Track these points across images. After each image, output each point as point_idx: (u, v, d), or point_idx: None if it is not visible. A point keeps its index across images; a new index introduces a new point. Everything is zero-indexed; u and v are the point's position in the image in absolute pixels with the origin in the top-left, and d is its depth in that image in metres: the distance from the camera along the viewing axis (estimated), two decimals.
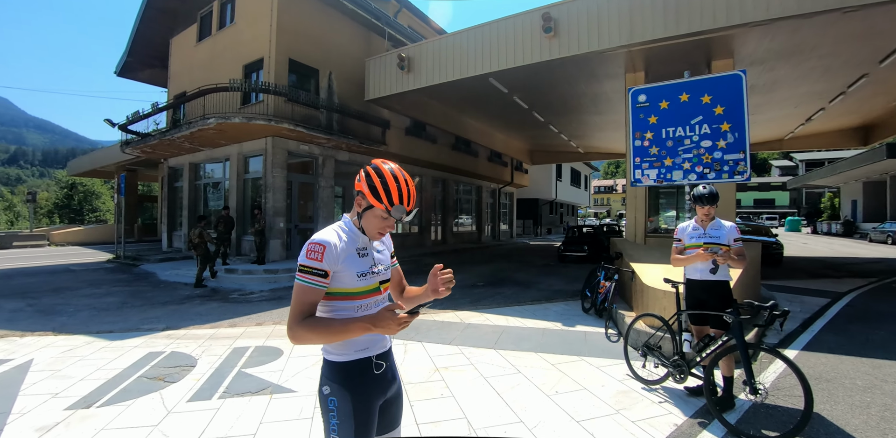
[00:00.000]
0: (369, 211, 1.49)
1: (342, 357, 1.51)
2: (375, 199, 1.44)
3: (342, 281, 1.47)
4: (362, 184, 1.49)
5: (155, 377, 4.14)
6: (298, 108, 12.26)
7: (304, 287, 1.41)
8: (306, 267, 1.41)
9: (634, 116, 4.39)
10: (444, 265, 1.66)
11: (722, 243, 3.21)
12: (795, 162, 63.35)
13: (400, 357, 4.46)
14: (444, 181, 20.30)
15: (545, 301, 7.31)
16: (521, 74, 11.24)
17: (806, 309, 6.77)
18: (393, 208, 1.45)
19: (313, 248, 1.41)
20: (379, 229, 1.54)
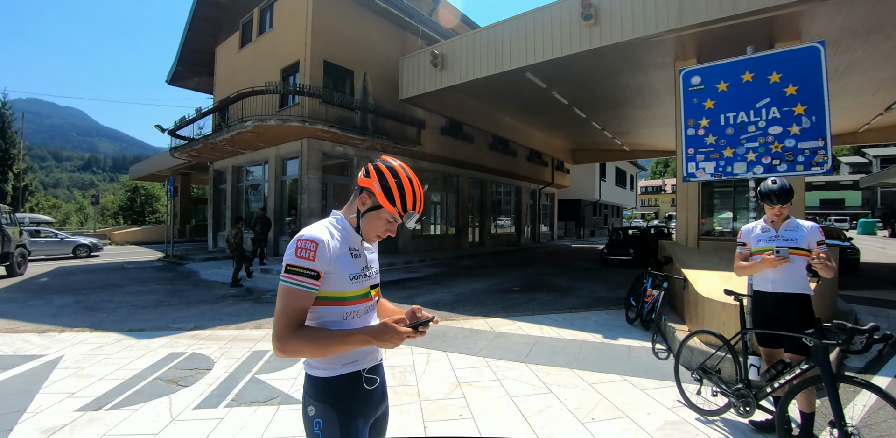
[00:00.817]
0: (375, 212, 1.35)
1: (328, 372, 1.33)
2: (388, 201, 1.31)
3: (332, 284, 1.30)
4: (373, 182, 1.33)
5: (170, 379, 4.03)
6: (333, 109, 12.26)
7: (294, 291, 1.23)
8: (296, 267, 1.23)
9: (687, 102, 3.81)
10: (422, 311, 1.39)
11: (801, 248, 2.63)
12: (868, 158, 57.96)
13: (421, 368, 4.11)
14: (481, 182, 19.87)
15: (584, 309, 6.74)
16: (559, 67, 10.65)
17: (894, 325, 5.83)
18: (406, 213, 1.33)
19: (304, 245, 1.24)
20: (380, 232, 1.40)
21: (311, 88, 11.56)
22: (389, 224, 1.38)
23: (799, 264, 2.65)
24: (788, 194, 2.62)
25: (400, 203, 1.31)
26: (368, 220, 1.37)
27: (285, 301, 1.23)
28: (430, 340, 5.10)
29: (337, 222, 1.40)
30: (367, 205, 1.35)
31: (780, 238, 2.68)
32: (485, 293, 8.35)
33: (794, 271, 2.64)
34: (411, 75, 11.86)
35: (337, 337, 1.23)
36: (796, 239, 2.65)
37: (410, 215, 1.34)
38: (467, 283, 9.69)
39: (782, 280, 2.66)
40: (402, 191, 1.32)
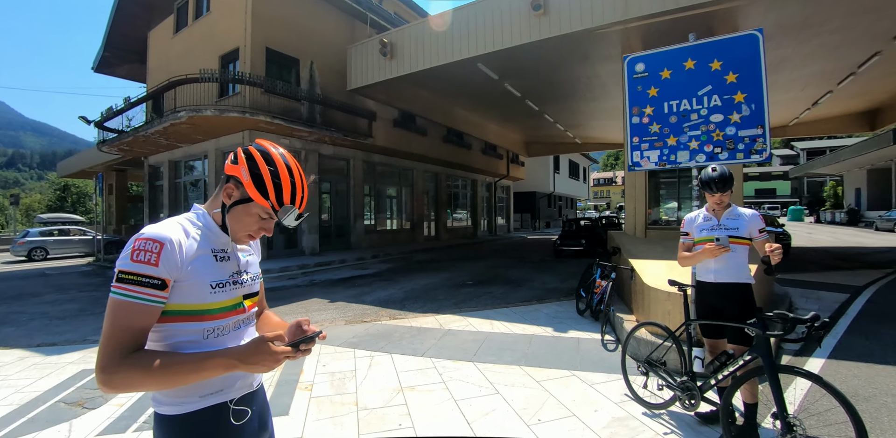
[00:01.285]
0: (243, 206, 1.10)
1: (181, 407, 1.04)
2: (260, 193, 1.07)
3: (187, 294, 1.03)
4: (241, 169, 1.08)
5: (75, 401, 3.55)
6: (277, 99, 11.59)
7: (129, 305, 0.95)
8: (132, 274, 0.95)
9: (631, 89, 3.73)
10: (313, 326, 1.13)
11: (742, 237, 2.57)
12: (796, 151, 62.45)
13: (363, 374, 3.85)
14: (436, 175, 19.65)
15: (536, 302, 6.68)
16: (510, 58, 10.54)
17: (825, 307, 6.15)
18: (282, 208, 1.09)
19: (144, 246, 0.97)
20: (251, 231, 1.14)
21: (251, 76, 10.85)
22: (263, 221, 1.13)
23: (740, 254, 2.59)
24: (728, 181, 2.55)
25: (274, 196, 1.07)
26: (236, 216, 1.11)
27: (115, 320, 0.94)
28: (374, 341, 4.83)
29: (197, 219, 1.13)
30: (233, 197, 1.10)
31: (722, 227, 2.62)
32: (437, 289, 8.15)
33: (736, 261, 2.59)
34: (360, 64, 11.39)
35: (188, 363, 0.95)
36: (738, 227, 2.59)
37: (288, 211, 1.09)
38: (420, 278, 9.47)
39: (724, 270, 2.60)
40: (277, 180, 1.07)
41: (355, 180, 14.76)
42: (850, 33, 9.49)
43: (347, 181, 14.68)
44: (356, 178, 14.81)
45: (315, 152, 13.16)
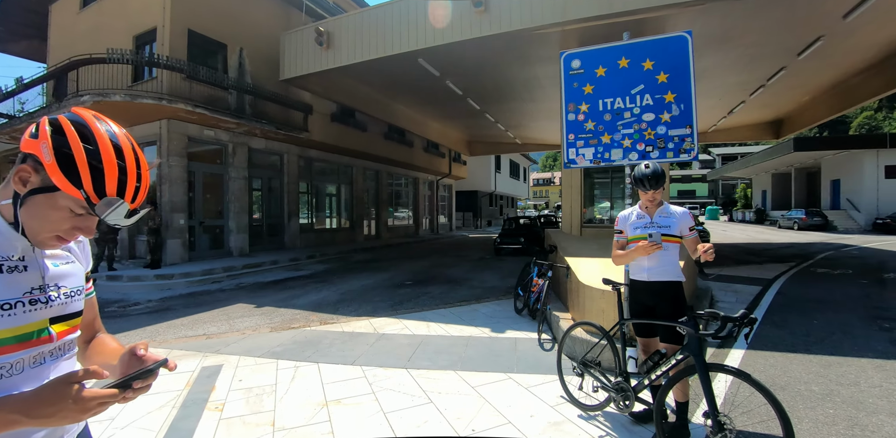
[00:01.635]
0: (45, 197, 0.79)
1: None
2: (69, 179, 0.76)
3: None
4: (41, 146, 0.77)
5: None
6: (200, 87, 10.66)
7: None
8: None
9: (567, 86, 3.68)
10: (150, 356, 0.88)
11: (674, 235, 2.55)
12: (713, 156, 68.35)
13: (284, 387, 3.49)
14: (377, 173, 19.18)
15: (475, 301, 6.58)
16: (452, 55, 10.41)
17: (741, 299, 6.57)
18: (102, 201, 0.77)
19: None
20: (60, 232, 0.83)
21: (170, 59, 9.86)
22: (77, 218, 0.82)
23: (672, 251, 2.57)
24: (661, 178, 2.52)
25: (91, 184, 0.77)
26: (34, 209, 0.80)
27: None
28: (301, 349, 4.46)
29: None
30: (30, 184, 0.79)
31: (655, 225, 2.58)
32: (374, 290, 7.84)
33: (667, 259, 2.57)
34: (294, 53, 10.74)
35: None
36: (669, 225, 2.57)
37: (112, 205, 0.78)
38: (358, 279, 9.09)
39: (656, 268, 2.57)
40: (96, 164, 0.77)
41: (290, 177, 13.99)
42: (763, 48, 10.32)
43: (281, 177, 13.88)
44: (291, 174, 14.04)
45: (244, 146, 12.29)
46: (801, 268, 10.06)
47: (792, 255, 12.97)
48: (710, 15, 8.27)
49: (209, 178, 11.77)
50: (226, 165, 11.94)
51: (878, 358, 4.04)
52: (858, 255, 13.02)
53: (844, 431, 2.71)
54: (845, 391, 3.31)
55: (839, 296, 6.83)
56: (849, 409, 3.00)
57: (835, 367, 3.82)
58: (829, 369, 3.77)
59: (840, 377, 3.59)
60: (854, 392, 3.27)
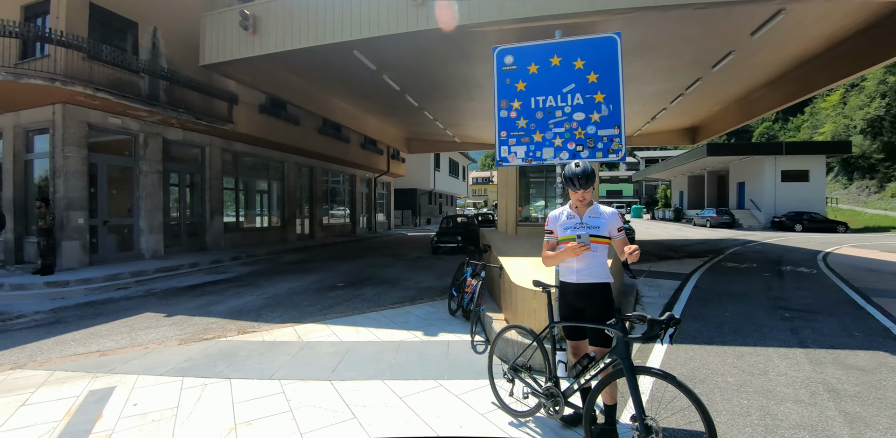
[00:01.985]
0: None
1: None
2: None
3: None
4: None
5: None
6: (104, 68, 9.49)
7: None
8: None
9: (500, 82, 3.58)
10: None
11: (603, 236, 2.50)
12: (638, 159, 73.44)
13: (187, 410, 3.08)
14: (311, 169, 18.34)
15: (409, 303, 6.38)
16: (388, 49, 10.11)
17: (664, 293, 6.92)
18: None
19: None
20: None
21: (67, 35, 8.66)
22: None
23: (600, 253, 2.53)
24: (591, 177, 2.47)
25: None
26: None
27: None
28: (212, 364, 4.02)
29: None
30: None
31: (585, 225, 2.53)
32: (303, 293, 7.39)
33: (596, 260, 2.52)
34: (216, 37, 9.88)
35: None
36: (599, 226, 2.52)
37: None
38: (286, 281, 8.55)
39: (586, 270, 2.51)
40: None
41: (212, 171, 12.94)
42: (682, 59, 11.02)
43: (202, 172, 12.80)
44: (213, 168, 12.99)
45: (158, 137, 11.16)
46: (714, 263, 10.89)
47: (705, 250, 14.06)
48: (637, 23, 8.66)
49: (116, 171, 10.55)
50: (136, 157, 10.77)
51: (781, 347, 4.36)
52: (761, 250, 14.39)
53: (758, 421, 2.83)
54: (756, 380, 3.49)
55: (746, 288, 7.42)
56: (761, 399, 3.16)
57: (746, 357, 4.05)
58: (741, 359, 3.99)
59: (751, 366, 3.80)
60: (764, 382, 3.47)
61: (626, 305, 5.59)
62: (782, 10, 8.12)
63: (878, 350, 4.29)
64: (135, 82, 10.18)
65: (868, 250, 14.14)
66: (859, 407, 3.03)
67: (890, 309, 6.00)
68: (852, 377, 3.58)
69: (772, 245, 16.21)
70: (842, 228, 24.07)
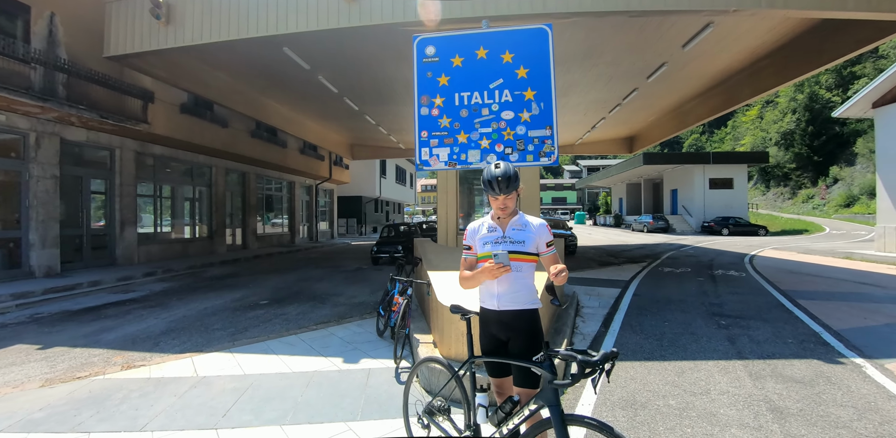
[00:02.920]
0: None
1: None
2: None
3: None
4: None
5: None
6: None
7: None
8: None
9: (421, 75, 3.18)
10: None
11: (528, 252, 2.10)
12: (580, 167, 76.46)
13: None
14: (244, 175, 17.13)
15: (335, 322, 5.76)
16: (322, 47, 9.52)
17: (604, 303, 6.75)
18: None
19: None
20: None
21: None
22: None
23: (526, 273, 2.12)
24: (513, 180, 2.06)
25: None
26: None
27: None
28: (74, 413, 3.24)
29: None
30: None
31: (507, 240, 2.12)
32: (218, 314, 6.56)
33: (521, 282, 2.11)
34: (123, 27, 8.81)
35: None
36: (524, 240, 2.11)
37: None
38: (202, 300, 7.64)
39: (507, 295, 2.10)
40: None
41: (124, 177, 11.60)
42: (619, 68, 11.24)
43: (111, 178, 11.44)
44: (125, 173, 11.66)
45: (55, 137, 9.80)
46: (652, 268, 11.07)
47: (643, 255, 14.41)
48: (573, 30, 8.64)
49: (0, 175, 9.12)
50: (26, 160, 9.37)
51: (721, 359, 4.21)
52: (694, 254, 14.96)
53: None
54: (699, 402, 3.25)
55: (683, 295, 7.44)
56: (705, 425, 2.89)
57: (687, 373, 3.84)
58: (682, 376, 3.77)
59: (692, 385, 3.57)
60: (707, 403, 3.23)
61: (565, 319, 5.31)
62: (711, 23, 8.39)
63: (811, 359, 4.24)
64: (23, 73, 8.87)
65: (787, 252, 15.10)
66: (804, 429, 2.83)
67: (815, 311, 6.16)
68: (792, 391, 3.43)
69: (703, 249, 16.97)
70: (762, 231, 25.91)
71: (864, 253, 13.37)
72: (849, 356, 4.31)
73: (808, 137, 36.89)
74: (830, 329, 5.27)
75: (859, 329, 5.29)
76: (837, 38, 8.78)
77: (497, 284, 2.08)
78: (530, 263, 2.11)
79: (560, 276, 1.88)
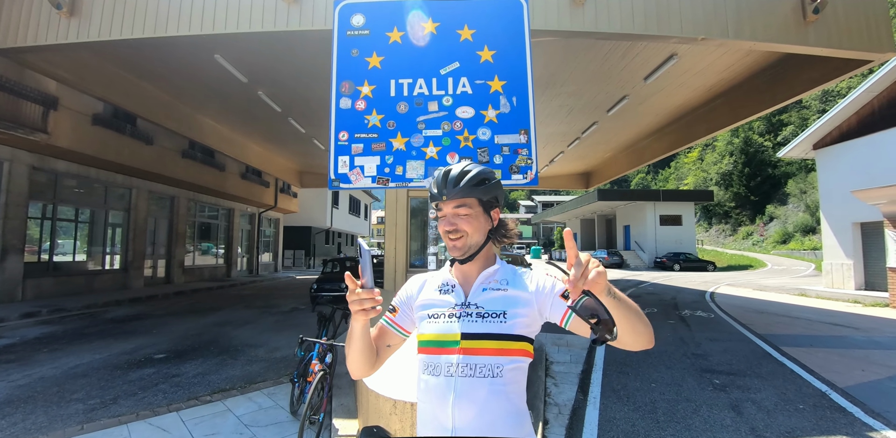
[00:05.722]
0: None
1: None
2: None
3: None
4: None
5: None
6: None
7: None
8: None
9: (342, 52, 2.24)
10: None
11: (512, 336, 1.06)
12: (535, 202, 78.05)
13: None
14: (172, 199, 15.31)
15: (239, 390, 4.38)
16: (260, 56, 8.51)
17: (576, 356, 5.77)
18: None
19: None
20: None
21: None
22: None
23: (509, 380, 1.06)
24: (471, 181, 1.09)
25: None
26: None
27: None
28: None
29: None
30: None
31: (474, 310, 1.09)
32: (91, 374, 5.00)
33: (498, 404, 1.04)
34: (17, 15, 7.41)
35: None
36: (504, 312, 1.09)
37: None
38: (81, 353, 5.99)
39: (472, 429, 1.04)
40: None
41: (12, 195, 9.70)
42: (581, 99, 10.92)
43: None
44: (14, 192, 9.77)
45: None
46: None
47: None
48: (539, 51, 8.12)
49: None
50: None
51: None
52: (654, 291, 14.51)
53: None
54: None
55: (661, 343, 6.61)
56: None
57: None
58: None
59: None
60: None
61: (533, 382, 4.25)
62: (675, 54, 8.16)
63: (839, 435, 3.40)
64: None
65: (742, 289, 15.01)
66: None
67: (807, 363, 5.51)
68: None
69: (661, 285, 16.66)
70: (711, 267, 26.46)
71: (816, 289, 13.39)
72: (878, 429, 3.53)
73: (745, 177, 39.23)
74: (836, 388, 4.54)
75: (866, 386, 4.60)
76: (791, 78, 8.81)
77: (453, 406, 1.02)
78: (518, 358, 1.07)
79: (592, 276, 0.83)
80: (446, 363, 1.03)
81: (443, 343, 1.06)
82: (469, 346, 1.03)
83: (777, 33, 6.58)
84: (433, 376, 1.05)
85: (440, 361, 1.04)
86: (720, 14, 6.46)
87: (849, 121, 13.37)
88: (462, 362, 1.02)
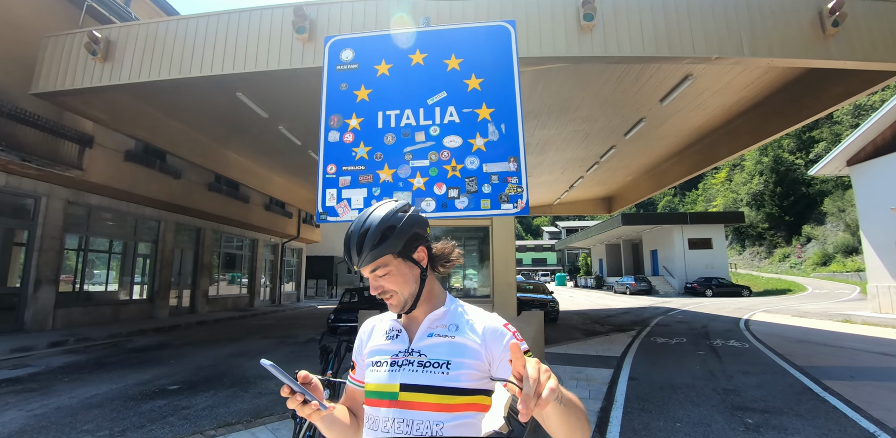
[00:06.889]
0: None
1: None
2: None
3: None
4: None
5: None
6: None
7: None
8: None
9: (332, 86, 2.27)
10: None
11: (458, 390, 0.97)
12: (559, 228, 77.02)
13: None
14: (199, 231, 15.76)
15: (245, 425, 4.29)
16: (278, 93, 8.87)
17: (595, 392, 5.46)
18: None
19: None
20: None
21: None
22: None
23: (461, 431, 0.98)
24: (376, 239, 0.99)
25: None
26: None
27: None
28: None
29: None
30: None
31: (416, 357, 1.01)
32: (105, 405, 5.02)
33: None
34: (56, 61, 7.98)
35: None
36: (448, 362, 0.99)
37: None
38: (98, 383, 6.04)
39: None
40: None
41: (48, 228, 10.19)
42: (596, 124, 10.89)
43: (33, 229, 10.03)
44: (50, 225, 10.26)
45: None
46: (643, 338, 9.85)
47: (631, 322, 13.21)
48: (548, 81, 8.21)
49: None
50: None
51: None
52: (684, 319, 13.84)
53: None
54: None
55: (688, 377, 6.21)
56: None
57: None
58: None
59: None
60: None
61: None
62: (690, 75, 8.09)
63: None
64: None
65: (780, 316, 14.14)
66: None
67: (852, 398, 5.03)
68: None
69: (692, 313, 15.90)
70: (746, 292, 25.18)
71: (862, 315, 12.49)
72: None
73: (777, 197, 37.88)
74: (887, 428, 4.11)
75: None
76: (817, 93, 8.58)
77: None
78: (466, 413, 0.97)
79: (546, 394, 0.72)
80: (384, 418, 0.95)
81: (381, 395, 0.97)
82: (407, 399, 0.94)
83: (796, 48, 6.43)
84: (372, 430, 0.96)
85: (379, 414, 0.96)
86: (733, 32, 6.37)
87: (883, 135, 12.84)
88: (398, 417, 0.93)
